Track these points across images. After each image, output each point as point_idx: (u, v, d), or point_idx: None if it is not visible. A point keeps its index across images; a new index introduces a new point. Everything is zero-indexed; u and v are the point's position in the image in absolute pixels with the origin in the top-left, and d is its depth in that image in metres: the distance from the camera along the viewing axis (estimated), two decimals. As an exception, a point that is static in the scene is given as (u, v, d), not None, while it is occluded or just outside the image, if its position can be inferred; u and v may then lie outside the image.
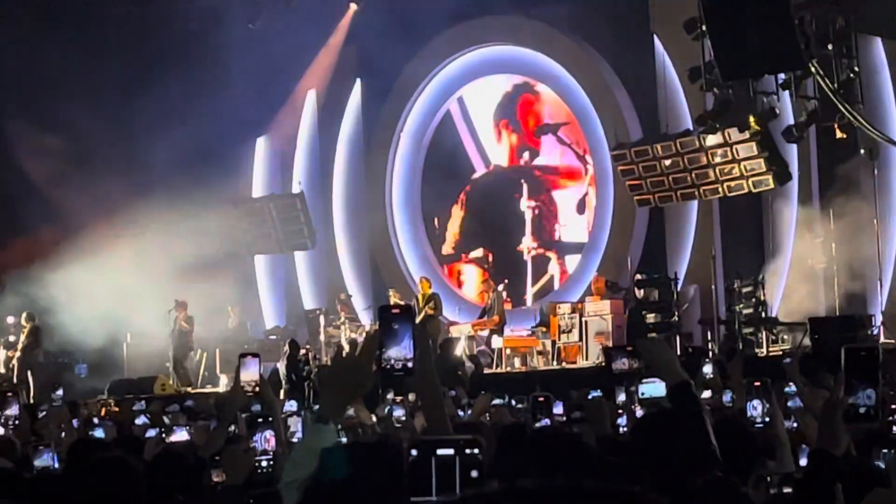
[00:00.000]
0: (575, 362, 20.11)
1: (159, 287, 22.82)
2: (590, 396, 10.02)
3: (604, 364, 16.15)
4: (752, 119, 19.13)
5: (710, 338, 19.87)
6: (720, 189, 20.47)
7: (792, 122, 19.03)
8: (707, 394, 9.28)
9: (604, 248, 23.38)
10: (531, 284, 24.81)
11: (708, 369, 11.03)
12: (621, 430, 7.32)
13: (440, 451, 2.21)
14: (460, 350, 20.61)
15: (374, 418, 9.77)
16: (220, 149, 24.86)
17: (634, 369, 6.62)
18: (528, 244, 24.97)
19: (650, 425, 4.37)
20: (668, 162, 20.90)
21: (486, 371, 20.22)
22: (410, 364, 3.42)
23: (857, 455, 4.77)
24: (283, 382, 19.83)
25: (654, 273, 20.83)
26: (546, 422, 6.59)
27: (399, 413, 9.15)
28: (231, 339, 23.00)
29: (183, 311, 22.42)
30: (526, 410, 9.15)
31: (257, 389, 5.84)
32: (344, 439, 6.30)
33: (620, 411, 7.79)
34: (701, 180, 20.64)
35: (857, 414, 3.82)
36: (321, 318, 23.21)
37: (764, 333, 18.92)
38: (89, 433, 9.70)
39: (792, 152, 20.16)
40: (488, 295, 22.14)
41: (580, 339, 20.27)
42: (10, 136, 22.60)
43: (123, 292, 22.22)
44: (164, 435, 8.54)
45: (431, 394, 3.88)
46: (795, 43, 16.99)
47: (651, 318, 20.08)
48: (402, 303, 17.71)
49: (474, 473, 2.19)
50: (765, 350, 18.59)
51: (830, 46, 17.89)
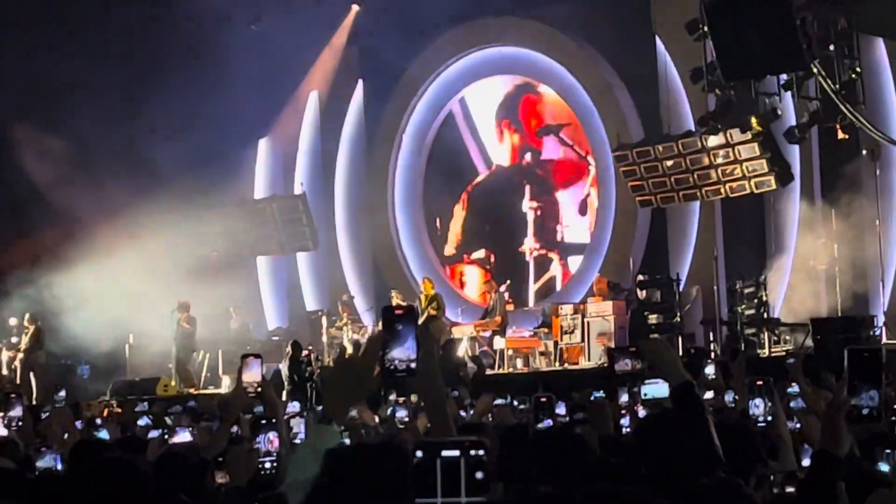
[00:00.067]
0: (577, 363, 20.09)
1: (162, 288, 22.83)
2: (592, 397, 10.01)
3: (606, 365, 16.15)
4: (753, 120, 19.12)
5: (712, 339, 19.86)
6: (722, 190, 20.47)
7: (794, 122, 19.02)
8: (709, 394, 9.27)
9: (606, 248, 23.38)
10: (533, 287, 24.81)
11: (710, 370, 11.02)
12: (624, 430, 7.31)
13: (445, 453, 2.20)
14: (462, 351, 20.61)
15: (376, 419, 9.77)
16: (223, 150, 24.88)
17: (637, 370, 6.63)
18: (530, 245, 24.96)
19: (653, 426, 4.38)
20: (669, 163, 20.90)
21: (488, 372, 20.20)
22: (413, 365, 3.42)
23: (859, 456, 4.78)
24: (286, 383, 19.82)
25: (656, 274, 20.81)
26: (548, 422, 6.58)
27: (402, 414, 9.15)
28: (233, 340, 23.01)
29: (185, 312, 22.42)
30: (528, 411, 9.14)
31: (259, 390, 5.83)
32: (347, 440, 6.31)
33: (623, 412, 7.79)
34: (703, 181, 20.64)
35: (861, 415, 3.82)
36: (323, 320, 23.21)
37: (766, 334, 18.92)
38: (94, 434, 9.70)
39: (794, 153, 20.16)
40: (490, 296, 22.13)
41: (582, 340, 20.25)
42: (15, 138, 22.61)
43: (126, 294, 22.23)
44: (166, 436, 8.53)
45: (434, 394, 3.88)
46: (797, 44, 16.99)
47: (653, 318, 20.06)
48: (405, 304, 17.69)
49: (479, 475, 2.18)
50: (767, 351, 18.58)
51: (832, 47, 17.88)
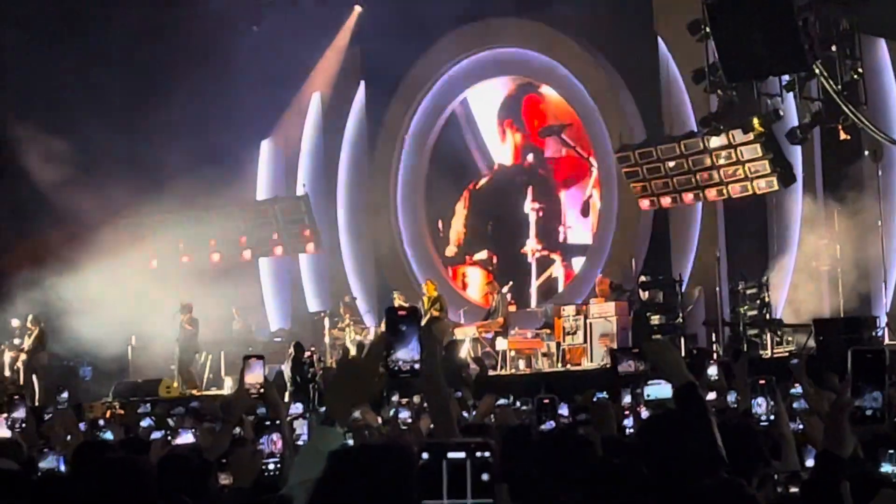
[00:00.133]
0: (580, 364, 20.08)
1: (164, 290, 22.85)
2: (595, 398, 10.01)
3: (608, 366, 16.14)
4: (756, 121, 19.11)
5: (714, 339, 19.84)
6: (724, 191, 20.47)
7: (796, 123, 19.01)
8: (712, 395, 9.26)
9: (608, 249, 23.38)
10: (535, 288, 24.80)
11: (713, 371, 11.01)
12: (627, 431, 7.31)
13: (451, 455, 2.20)
14: (465, 352, 20.61)
15: (379, 420, 9.77)
16: (225, 152, 24.90)
17: (640, 371, 6.62)
18: (532, 246, 24.96)
19: (656, 427, 4.38)
20: (672, 164, 20.90)
21: (491, 373, 20.21)
22: (417, 366, 3.42)
23: (863, 457, 4.78)
24: (288, 385, 19.80)
25: (658, 275, 20.80)
26: (551, 424, 6.58)
27: (405, 415, 9.15)
28: (236, 341, 23.02)
29: (187, 313, 22.42)
30: (531, 412, 9.15)
31: (262, 392, 5.83)
32: (350, 441, 6.31)
33: (627, 412, 7.79)
34: (705, 182, 20.63)
35: (864, 416, 3.81)
36: (326, 321, 23.21)
37: (768, 335, 18.90)
38: (98, 435, 9.70)
39: (796, 154, 20.16)
40: (493, 297, 22.13)
41: (585, 341, 20.25)
42: (18, 140, 22.62)
43: (129, 295, 22.24)
44: (169, 437, 8.52)
45: (438, 395, 3.87)
46: (799, 44, 16.98)
47: (655, 319, 20.04)
48: (408, 305, 17.73)
49: (485, 477, 2.17)
50: (769, 352, 18.57)
51: (834, 48, 17.87)
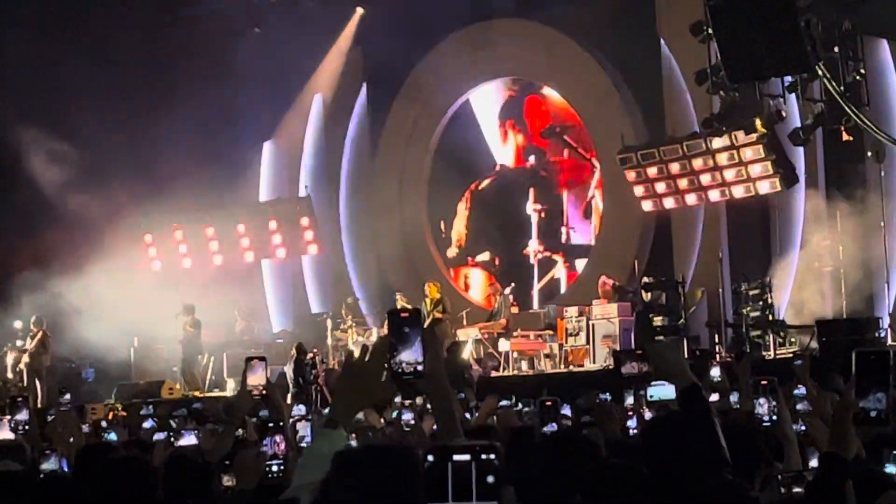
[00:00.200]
0: (582, 365, 20.09)
1: (167, 291, 22.85)
2: (598, 400, 10.01)
3: (611, 367, 16.14)
4: (758, 122, 19.12)
5: (717, 341, 19.84)
6: (727, 192, 20.45)
7: (798, 124, 19.01)
8: (715, 397, 9.26)
9: (611, 251, 23.36)
10: (537, 289, 24.79)
11: (716, 372, 11.02)
12: (631, 432, 7.31)
13: (456, 457, 2.19)
14: (467, 353, 20.61)
15: (382, 421, 9.77)
16: (228, 153, 24.90)
17: (643, 373, 6.61)
18: (534, 247, 24.95)
19: (660, 428, 4.37)
20: (674, 165, 20.89)
21: (494, 374, 20.21)
22: (421, 367, 3.42)
23: (867, 458, 4.77)
24: (291, 386, 19.81)
25: (661, 276, 20.78)
26: (553, 426, 6.57)
27: (408, 417, 9.14)
28: (238, 343, 23.02)
29: (189, 315, 22.42)
30: (533, 414, 9.14)
31: (264, 393, 5.83)
32: (354, 443, 6.30)
33: (630, 413, 7.79)
34: (707, 183, 20.62)
35: (868, 417, 3.81)
36: (328, 322, 23.21)
37: (771, 336, 18.90)
38: (103, 437, 9.72)
39: (799, 155, 20.15)
40: (495, 298, 22.13)
41: (587, 343, 20.26)
42: (22, 142, 22.64)
43: (131, 297, 22.24)
44: (172, 439, 8.53)
45: (442, 397, 3.87)
46: (802, 45, 16.98)
47: (658, 321, 20.03)
48: (410, 307, 17.70)
49: (490, 479, 2.17)
50: (772, 353, 18.56)
51: (836, 49, 17.87)
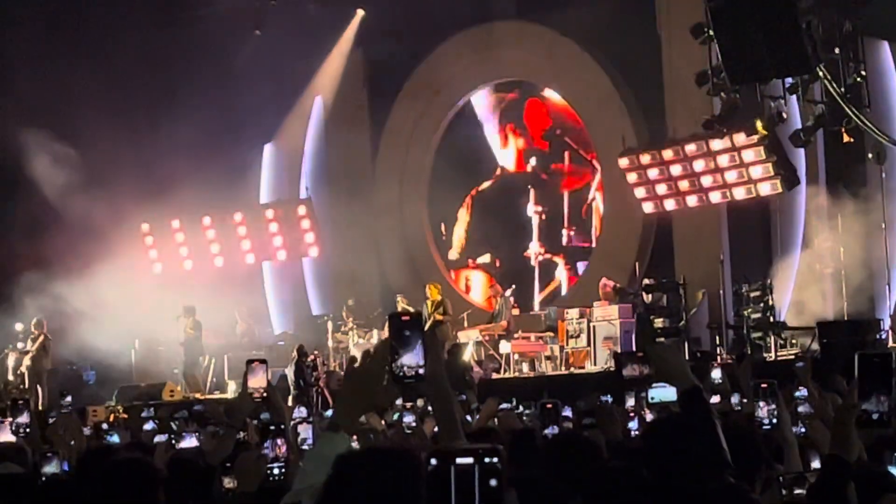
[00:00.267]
0: (583, 367, 20.09)
1: (168, 293, 22.86)
2: (599, 402, 10.01)
3: (612, 369, 16.12)
4: (759, 123, 19.12)
5: (718, 342, 19.83)
6: (728, 194, 20.45)
7: (799, 125, 19.01)
8: (716, 398, 9.26)
9: (611, 252, 23.35)
10: (538, 290, 24.79)
11: (717, 374, 11.01)
12: (633, 433, 7.31)
13: (459, 461, 2.19)
14: (468, 355, 20.61)
15: (383, 424, 9.76)
16: (228, 155, 24.89)
17: (644, 375, 6.61)
18: (535, 249, 24.94)
19: (661, 430, 4.38)
20: (675, 166, 20.89)
21: (494, 376, 20.21)
22: (422, 370, 3.42)
23: (868, 460, 4.77)
24: (292, 388, 19.82)
25: (661, 278, 20.78)
26: (554, 429, 6.57)
27: (409, 419, 9.14)
28: (239, 345, 23.02)
29: (190, 316, 22.43)
30: (534, 416, 9.14)
31: (265, 396, 5.83)
32: (355, 444, 6.30)
33: (632, 415, 7.80)
34: (708, 185, 20.62)
35: (870, 419, 3.81)
36: (329, 324, 23.20)
37: (772, 338, 18.89)
38: (105, 439, 9.71)
39: (799, 156, 20.14)
40: (496, 300, 22.13)
41: (588, 344, 20.25)
42: (25, 146, 22.65)
43: (132, 300, 22.25)
44: (173, 441, 8.51)
45: (443, 399, 3.87)
46: (802, 47, 16.98)
47: (659, 322, 20.03)
48: (412, 309, 17.72)
49: (493, 483, 2.16)
50: (773, 354, 18.56)
51: (837, 50, 17.88)
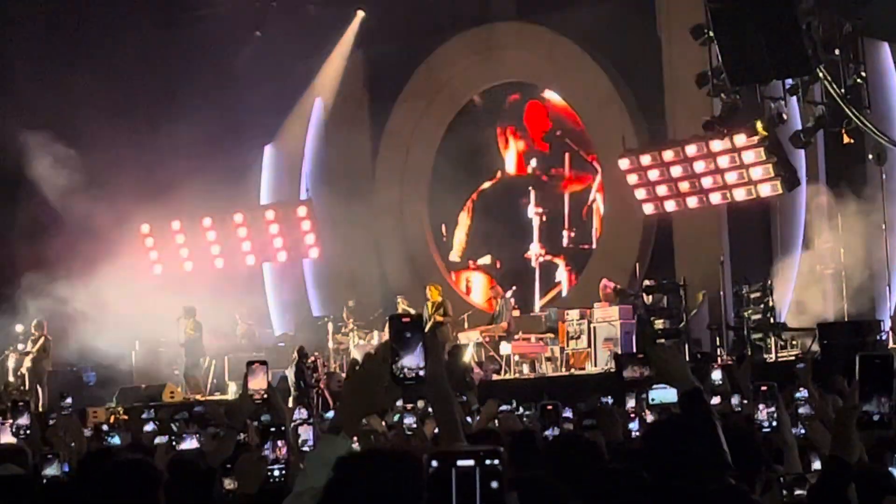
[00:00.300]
0: (584, 368, 20.09)
1: (168, 295, 22.84)
2: (600, 403, 10.02)
3: (613, 370, 16.13)
4: (759, 124, 19.11)
5: (718, 343, 19.82)
6: (728, 195, 20.46)
7: (800, 127, 19.01)
8: (716, 400, 9.25)
9: (612, 254, 23.35)
10: (539, 292, 24.78)
11: (717, 375, 11.00)
12: (633, 434, 7.32)
13: (460, 463, 2.18)
14: (468, 356, 20.60)
15: (384, 425, 9.76)
16: (229, 156, 24.87)
17: (645, 377, 6.61)
18: (535, 251, 24.94)
19: (661, 431, 4.38)
20: (675, 168, 20.89)
21: (495, 377, 20.21)
22: (423, 372, 3.41)
23: (869, 462, 4.77)
24: (292, 390, 19.81)
25: (662, 279, 20.78)
26: (555, 430, 6.56)
27: (410, 420, 9.14)
28: (239, 346, 23.01)
29: (191, 318, 22.42)
30: (534, 417, 9.14)
31: (266, 397, 5.83)
32: (356, 446, 6.30)
33: (632, 416, 7.80)
34: (709, 186, 20.62)
35: (871, 421, 3.81)
36: (329, 326, 23.20)
37: (773, 339, 18.89)
38: (105, 440, 9.71)
39: (800, 157, 20.14)
40: (496, 302, 22.13)
41: (589, 346, 20.24)
42: (26, 148, 22.66)
43: (133, 301, 22.24)
44: (173, 443, 8.51)
45: (443, 400, 3.86)
46: (803, 48, 16.98)
47: (659, 324, 20.03)
48: (412, 311, 17.72)
49: (494, 485, 2.15)
50: (774, 356, 18.56)
51: (837, 51, 17.88)
